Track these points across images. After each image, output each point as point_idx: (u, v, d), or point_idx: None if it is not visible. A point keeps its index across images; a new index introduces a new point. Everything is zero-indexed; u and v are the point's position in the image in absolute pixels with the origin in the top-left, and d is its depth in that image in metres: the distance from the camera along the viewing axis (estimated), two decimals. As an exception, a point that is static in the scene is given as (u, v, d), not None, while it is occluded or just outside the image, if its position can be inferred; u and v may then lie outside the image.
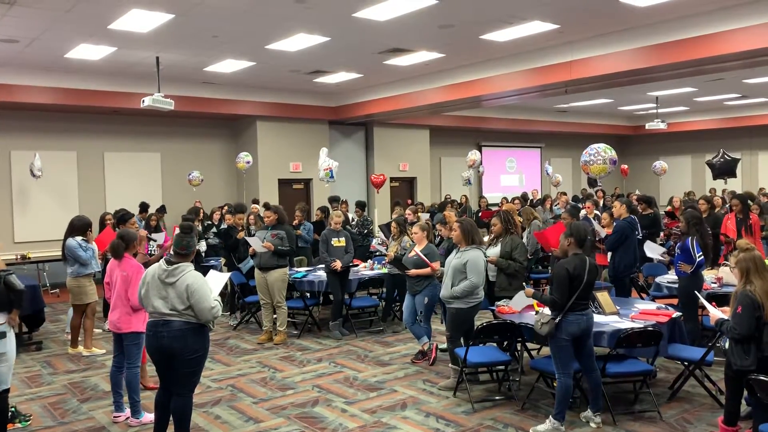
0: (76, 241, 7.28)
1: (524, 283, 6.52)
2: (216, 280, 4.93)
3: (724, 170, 12.87)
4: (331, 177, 12.38)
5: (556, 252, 7.21)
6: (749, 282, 4.33)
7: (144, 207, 12.06)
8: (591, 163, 9.30)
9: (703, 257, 6.49)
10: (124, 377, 5.26)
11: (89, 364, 7.14)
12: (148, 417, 5.19)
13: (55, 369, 6.98)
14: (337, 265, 7.87)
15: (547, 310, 5.03)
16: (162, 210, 13.06)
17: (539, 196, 17.41)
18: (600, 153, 9.20)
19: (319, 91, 14.72)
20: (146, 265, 5.37)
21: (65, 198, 13.21)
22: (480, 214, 14.07)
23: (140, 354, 5.33)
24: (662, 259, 7.87)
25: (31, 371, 6.92)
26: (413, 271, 6.76)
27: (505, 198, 16.37)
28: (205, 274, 4.87)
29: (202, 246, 9.90)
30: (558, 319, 4.80)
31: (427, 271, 6.72)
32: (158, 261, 4.70)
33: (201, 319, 4.35)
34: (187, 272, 4.38)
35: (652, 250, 8.28)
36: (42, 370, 6.94)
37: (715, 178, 13.30)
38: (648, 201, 10.26)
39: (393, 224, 8.41)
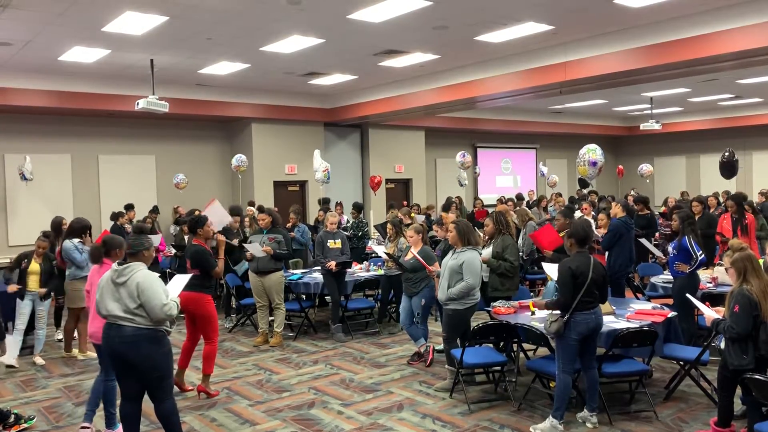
0: (72, 243, 7.24)
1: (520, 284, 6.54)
2: (177, 281, 4.92)
3: (734, 169, 12.87)
4: (328, 178, 12.40)
5: (548, 254, 7.24)
6: (746, 281, 4.34)
7: (129, 207, 11.98)
8: (578, 164, 9.38)
9: (704, 255, 6.51)
10: (103, 388, 5.06)
11: (84, 367, 7.11)
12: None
13: (50, 373, 6.95)
14: (332, 264, 7.86)
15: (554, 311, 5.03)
16: (155, 210, 13.02)
17: (535, 197, 17.43)
18: (583, 154, 9.26)
19: (313, 92, 14.72)
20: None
21: (60, 201, 13.14)
22: (474, 214, 14.08)
23: None
24: (659, 254, 7.89)
25: (26, 375, 6.88)
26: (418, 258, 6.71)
27: (505, 198, 16.33)
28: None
29: None
30: (566, 318, 4.80)
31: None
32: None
33: (153, 319, 4.24)
34: (137, 271, 4.33)
35: (649, 246, 8.32)
36: (37, 374, 6.91)
37: (727, 177, 13.25)
38: (645, 202, 10.31)
39: (389, 226, 8.40)
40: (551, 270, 5.85)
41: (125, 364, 4.31)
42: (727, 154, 12.71)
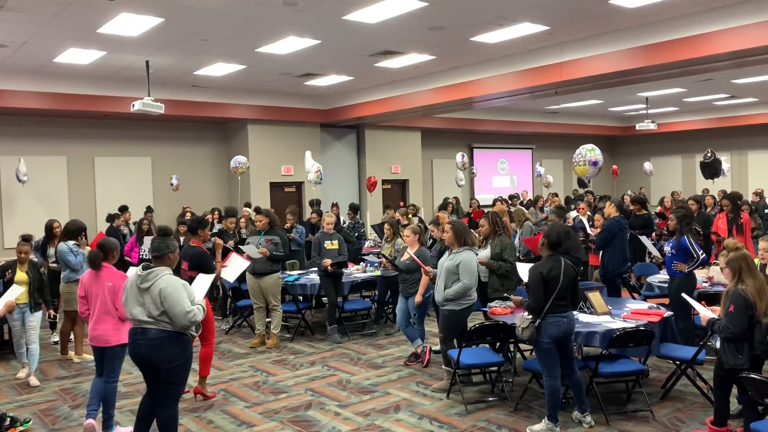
0: (67, 245, 7.20)
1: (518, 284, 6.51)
2: (201, 283, 4.86)
3: (714, 171, 13.05)
4: (321, 179, 12.40)
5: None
6: (741, 281, 4.35)
7: (123, 209, 11.93)
8: (576, 164, 9.38)
9: (705, 254, 6.52)
10: (103, 390, 5.04)
11: (80, 370, 7.09)
12: (121, 430, 5.14)
13: (46, 375, 6.92)
14: (327, 262, 7.84)
15: (524, 314, 5.03)
16: (149, 210, 12.97)
17: (529, 197, 17.45)
18: (582, 154, 9.27)
19: (310, 93, 14.72)
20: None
21: (55, 203, 13.14)
22: (471, 214, 14.10)
23: (121, 367, 5.12)
24: (657, 254, 7.90)
25: (22, 378, 6.85)
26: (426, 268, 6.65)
27: (501, 198, 16.35)
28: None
29: None
30: (537, 323, 4.80)
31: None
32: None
33: (177, 325, 4.20)
34: (161, 276, 4.25)
35: (647, 244, 8.34)
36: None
37: (706, 178, 13.47)
38: (641, 202, 10.32)
39: (386, 226, 8.39)
40: (525, 272, 5.85)
41: (148, 366, 4.31)
42: (708, 154, 12.83)
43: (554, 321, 4.79)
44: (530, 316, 4.85)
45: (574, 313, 5.16)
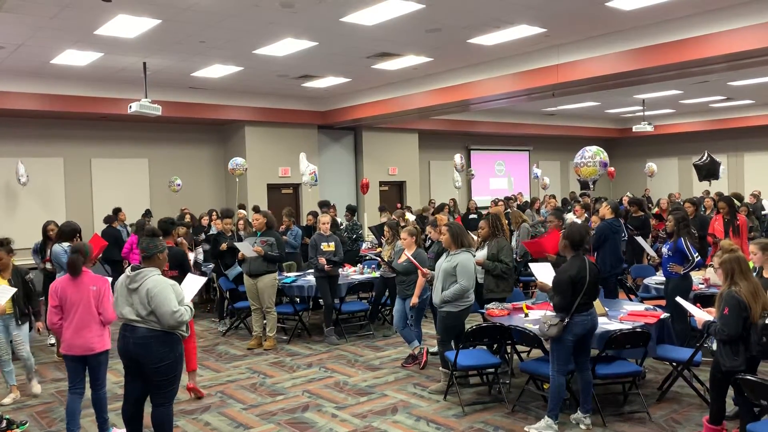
0: (62, 247, 7.20)
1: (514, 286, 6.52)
2: (190, 285, 4.85)
3: (710, 172, 13.12)
4: (315, 181, 12.39)
5: (551, 257, 7.20)
6: (734, 283, 4.36)
7: (117, 210, 11.90)
8: (582, 165, 9.36)
9: (700, 258, 6.54)
10: (92, 399, 4.91)
11: (77, 371, 7.06)
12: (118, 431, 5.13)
13: (43, 377, 6.91)
14: (323, 260, 7.83)
15: (548, 312, 5.04)
16: (148, 214, 12.96)
17: (524, 199, 17.48)
18: (591, 155, 9.26)
19: (307, 95, 14.72)
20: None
21: (52, 204, 13.11)
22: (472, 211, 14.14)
23: (106, 373, 4.99)
24: (653, 254, 7.93)
25: (18, 379, 6.78)
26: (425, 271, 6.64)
27: (497, 200, 16.38)
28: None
29: (199, 254, 9.86)
30: (566, 322, 4.82)
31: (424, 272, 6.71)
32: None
33: (164, 325, 4.22)
34: (149, 277, 4.27)
35: (644, 244, 8.36)
36: (29, 379, 6.86)
37: (701, 179, 13.56)
38: (639, 203, 10.34)
39: (386, 228, 8.40)
40: (539, 271, 5.84)
41: (136, 364, 4.32)
42: (704, 157, 12.87)
43: (581, 320, 4.84)
44: (557, 316, 4.86)
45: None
